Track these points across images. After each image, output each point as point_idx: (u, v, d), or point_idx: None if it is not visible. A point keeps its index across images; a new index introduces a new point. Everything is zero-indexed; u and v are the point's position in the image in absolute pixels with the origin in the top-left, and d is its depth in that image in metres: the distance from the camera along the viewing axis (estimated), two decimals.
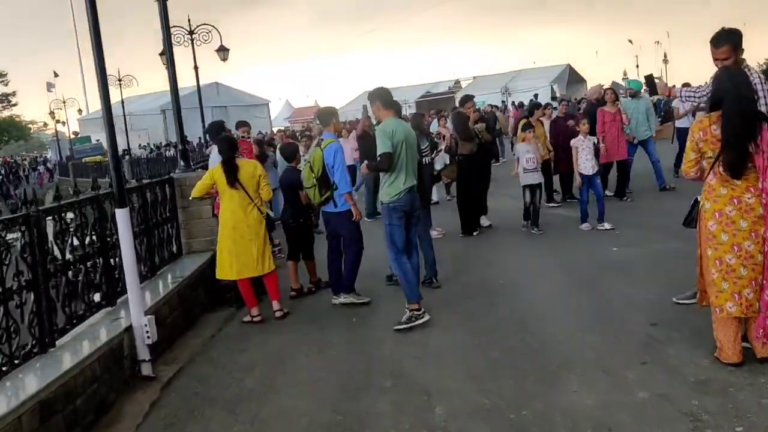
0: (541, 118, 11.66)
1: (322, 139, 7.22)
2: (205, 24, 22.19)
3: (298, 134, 19.96)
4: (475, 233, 9.91)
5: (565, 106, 13.12)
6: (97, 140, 47.42)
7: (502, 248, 9.00)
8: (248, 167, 6.77)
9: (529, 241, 9.15)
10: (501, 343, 5.38)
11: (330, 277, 7.29)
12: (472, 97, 11.00)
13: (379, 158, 6.12)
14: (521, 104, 32.49)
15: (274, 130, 51.86)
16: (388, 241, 6.20)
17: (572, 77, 55.72)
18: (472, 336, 5.62)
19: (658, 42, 63.82)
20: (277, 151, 14.17)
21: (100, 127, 56.08)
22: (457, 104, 41.99)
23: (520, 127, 10.66)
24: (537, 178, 9.60)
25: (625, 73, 61.48)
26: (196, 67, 22.28)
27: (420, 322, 5.93)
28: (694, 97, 5.80)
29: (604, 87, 12.27)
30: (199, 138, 34.47)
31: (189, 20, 22.07)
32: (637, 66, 63.99)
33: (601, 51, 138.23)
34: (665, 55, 62.13)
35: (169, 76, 8.70)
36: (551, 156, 11.23)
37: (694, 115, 12.72)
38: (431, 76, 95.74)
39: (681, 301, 5.75)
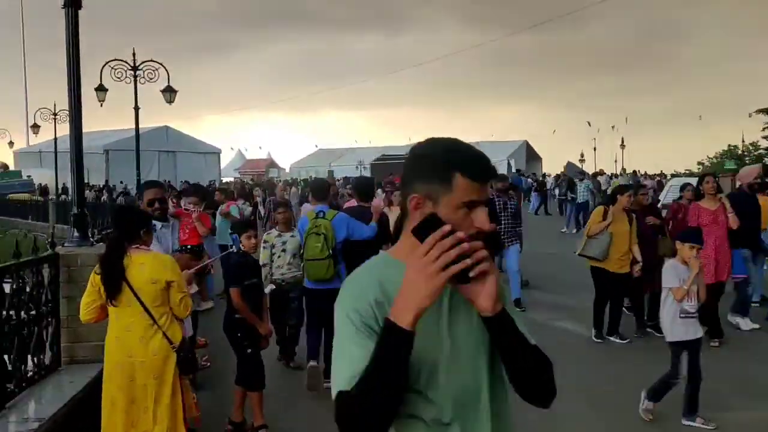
0: (626, 207, 7.68)
1: (323, 212, 6.49)
2: (152, 60, 19.72)
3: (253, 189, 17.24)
4: None
5: (691, 192, 8.57)
6: (29, 176, 43.83)
7: None
8: (148, 267, 4.04)
9: None
10: None
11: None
12: None
13: None
14: None
15: (224, 180, 49.35)
16: None
17: (529, 154, 54.94)
18: None
19: (613, 127, 63.58)
20: (218, 216, 11.28)
21: (38, 161, 52.49)
22: None
23: (606, 225, 7.48)
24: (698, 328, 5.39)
25: (582, 155, 61.15)
26: (136, 107, 19.60)
27: None
28: None
29: (748, 169, 8.77)
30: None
31: (134, 54, 19.55)
32: (595, 149, 63.92)
33: (559, 130, 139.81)
34: (623, 140, 61.86)
35: (70, 106, 6.18)
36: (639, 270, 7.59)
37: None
38: (385, 139, 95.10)
39: None
